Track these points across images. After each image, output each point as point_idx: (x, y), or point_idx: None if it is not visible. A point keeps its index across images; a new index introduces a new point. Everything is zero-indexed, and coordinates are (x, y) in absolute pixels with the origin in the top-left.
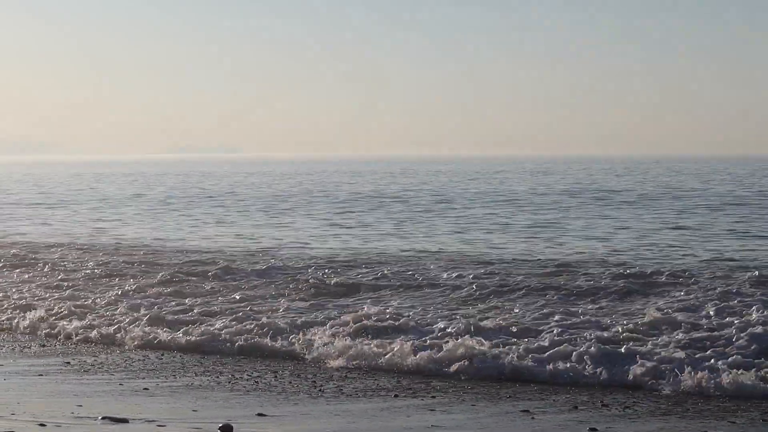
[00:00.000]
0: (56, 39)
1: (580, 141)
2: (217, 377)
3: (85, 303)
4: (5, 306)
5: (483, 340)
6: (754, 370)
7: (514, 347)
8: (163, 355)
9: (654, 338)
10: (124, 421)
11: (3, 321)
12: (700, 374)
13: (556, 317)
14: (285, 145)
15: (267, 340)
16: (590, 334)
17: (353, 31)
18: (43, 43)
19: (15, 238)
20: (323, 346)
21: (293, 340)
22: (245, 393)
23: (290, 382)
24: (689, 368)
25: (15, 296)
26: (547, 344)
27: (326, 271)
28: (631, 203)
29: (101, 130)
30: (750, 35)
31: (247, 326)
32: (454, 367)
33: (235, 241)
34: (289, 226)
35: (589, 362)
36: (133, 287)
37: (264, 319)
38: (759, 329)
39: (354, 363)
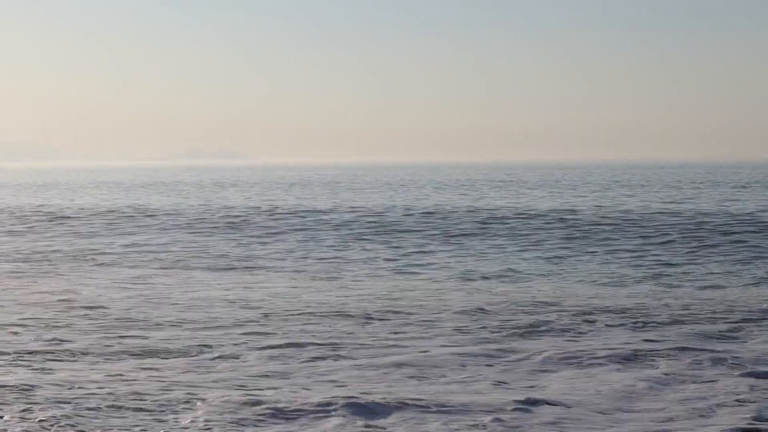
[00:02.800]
0: (63, 45)
1: (598, 142)
2: None
3: None
4: None
5: None
6: None
7: None
8: None
9: None
10: None
11: None
12: None
13: None
14: (301, 150)
15: None
16: None
17: (366, 32)
18: (49, 48)
19: None
20: None
21: None
22: None
23: None
24: None
25: None
26: None
27: None
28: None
29: (107, 136)
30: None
31: None
32: None
33: None
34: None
35: None
36: None
37: None
38: None
39: None
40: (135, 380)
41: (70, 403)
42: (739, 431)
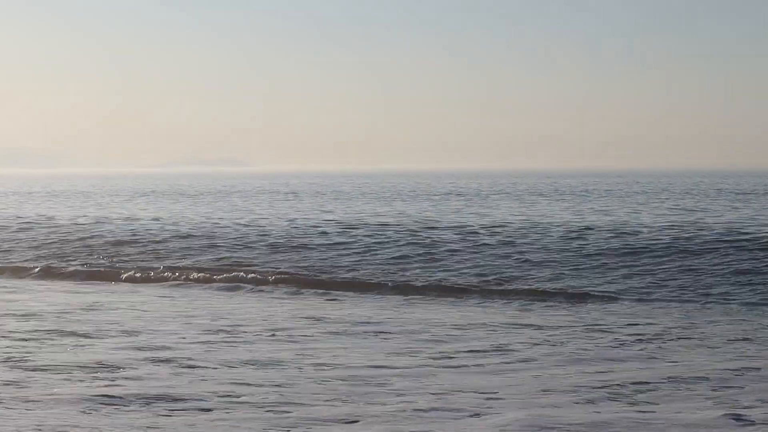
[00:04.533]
0: (63, 46)
1: (596, 150)
2: None
3: None
4: None
5: None
6: None
7: None
8: None
9: None
10: None
11: None
12: None
13: None
14: (300, 156)
15: None
16: None
17: (366, 32)
18: (49, 50)
19: None
20: None
21: None
22: None
23: None
24: None
25: None
26: None
27: None
28: None
29: (107, 142)
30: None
31: None
32: None
33: None
34: None
35: None
36: None
37: None
38: None
39: None
40: None
41: None
42: None
